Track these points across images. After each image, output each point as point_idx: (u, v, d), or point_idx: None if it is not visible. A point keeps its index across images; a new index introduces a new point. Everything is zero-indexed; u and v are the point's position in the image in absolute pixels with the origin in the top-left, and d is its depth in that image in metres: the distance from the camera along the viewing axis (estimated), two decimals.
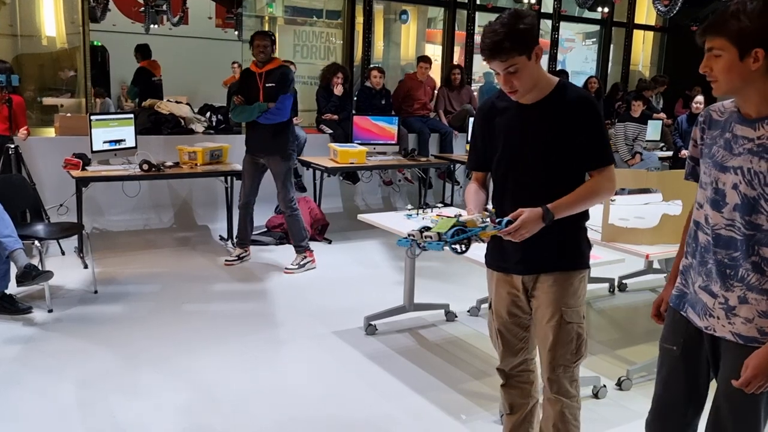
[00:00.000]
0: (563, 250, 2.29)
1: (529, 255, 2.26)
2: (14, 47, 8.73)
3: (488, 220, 2.19)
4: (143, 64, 8.00)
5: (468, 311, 4.57)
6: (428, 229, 2.15)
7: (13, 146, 5.23)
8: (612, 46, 11.14)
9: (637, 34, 11.53)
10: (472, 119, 7.29)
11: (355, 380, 3.58)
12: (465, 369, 3.74)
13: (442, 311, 4.48)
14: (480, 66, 11.87)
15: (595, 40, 11.39)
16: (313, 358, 3.83)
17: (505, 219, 2.16)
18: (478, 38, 10.65)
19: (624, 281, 5.27)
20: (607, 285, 5.20)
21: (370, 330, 4.17)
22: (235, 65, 9.35)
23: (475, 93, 9.40)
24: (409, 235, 2.16)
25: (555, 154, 2.21)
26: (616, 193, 4.03)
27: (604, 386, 3.42)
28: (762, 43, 1.67)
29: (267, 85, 5.27)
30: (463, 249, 2.17)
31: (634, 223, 3.70)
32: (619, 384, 3.51)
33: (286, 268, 5.42)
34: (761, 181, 1.72)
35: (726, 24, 1.70)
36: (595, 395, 3.39)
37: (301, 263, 5.46)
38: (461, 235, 2.13)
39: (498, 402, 3.18)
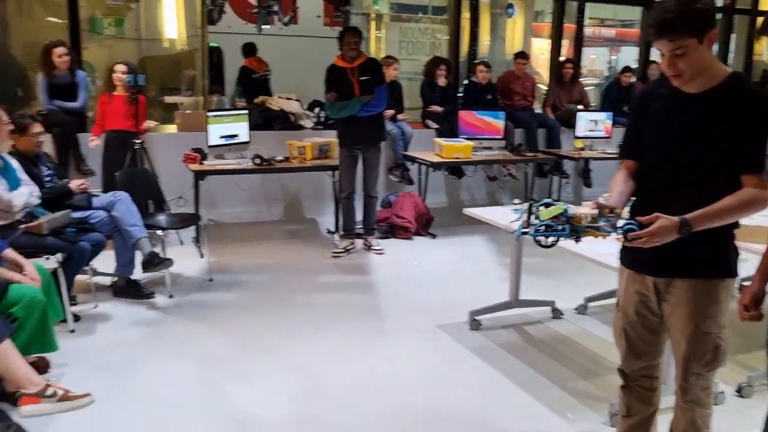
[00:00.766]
0: (705, 254, 2.11)
1: (663, 256, 2.08)
2: (139, 50, 9.31)
3: (602, 222, 2.08)
4: (245, 62, 8.30)
5: (575, 309, 4.46)
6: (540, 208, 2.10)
7: (139, 142, 5.58)
8: (733, 35, 10.49)
9: (761, 22, 10.79)
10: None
11: (459, 374, 3.59)
12: (572, 367, 3.65)
13: (548, 308, 4.40)
14: (588, 60, 11.54)
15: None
16: (418, 351, 3.86)
17: (628, 224, 2.01)
18: (588, 30, 10.34)
19: (744, 282, 4.96)
20: None
21: (475, 325, 4.15)
22: None
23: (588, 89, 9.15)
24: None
25: (713, 149, 2.04)
26: None
27: (722, 392, 3.24)
28: None
29: (362, 78, 5.43)
30: (549, 243, 2.11)
31: (758, 221, 3.47)
32: (739, 391, 3.33)
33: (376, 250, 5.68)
34: None
35: None
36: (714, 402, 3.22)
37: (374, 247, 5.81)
38: (548, 232, 2.05)
39: (607, 403, 3.11)
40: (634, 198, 2.27)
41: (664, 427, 2.46)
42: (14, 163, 4.00)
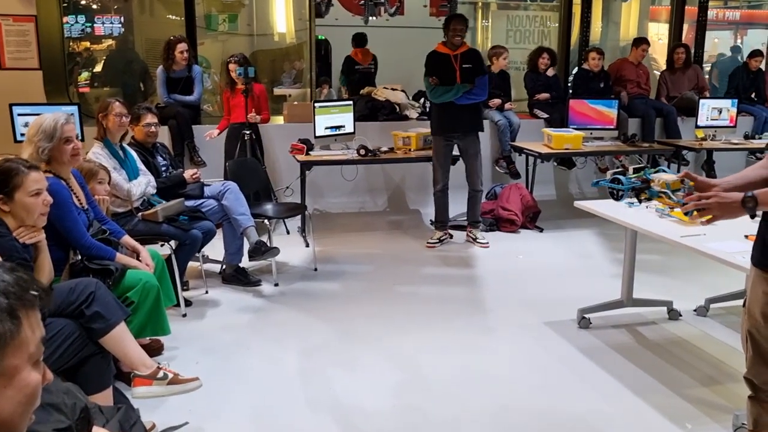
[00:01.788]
0: None
1: None
2: (251, 44, 9.60)
3: (681, 191, 2.01)
4: (351, 53, 8.34)
5: (694, 310, 4.16)
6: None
7: (248, 132, 5.72)
8: None
9: None
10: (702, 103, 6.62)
11: (568, 374, 3.43)
12: (691, 373, 3.41)
13: (665, 309, 4.13)
14: (712, 44, 10.83)
15: None
16: (524, 348, 3.73)
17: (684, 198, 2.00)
18: (712, 13, 9.69)
19: None
20: None
21: (584, 323, 3.97)
22: None
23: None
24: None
25: None
26: None
27: None
28: None
29: (464, 66, 5.37)
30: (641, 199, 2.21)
31: None
32: None
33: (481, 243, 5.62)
34: None
35: None
36: None
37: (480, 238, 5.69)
38: (615, 184, 2.08)
39: (731, 414, 2.88)
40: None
41: None
42: (133, 154, 4.19)
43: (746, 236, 2.81)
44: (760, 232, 2.08)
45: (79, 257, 3.11)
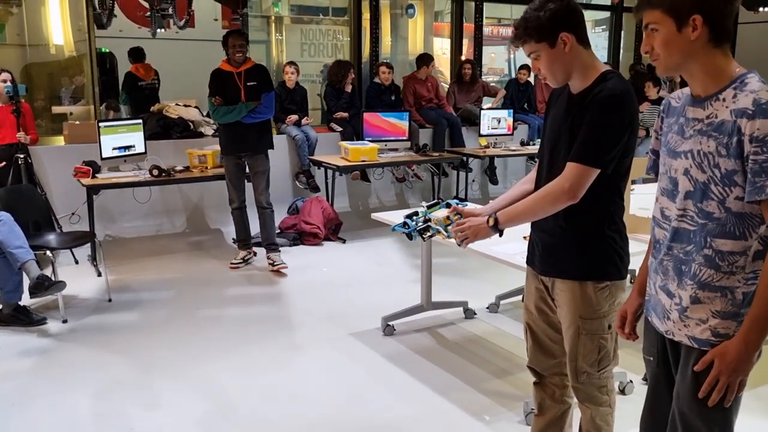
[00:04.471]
0: (579, 258, 2.14)
1: (546, 256, 2.18)
2: (23, 56, 8.75)
3: (450, 226, 2.30)
4: (132, 68, 7.93)
5: (487, 308, 4.48)
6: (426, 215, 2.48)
7: (22, 156, 5.19)
8: (623, 32, 10.97)
9: None
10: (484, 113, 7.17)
11: (374, 383, 3.51)
12: (486, 368, 3.65)
13: (461, 309, 4.40)
14: (489, 58, 11.77)
15: (605, 27, 11.22)
16: (331, 362, 3.76)
17: (451, 225, 2.29)
18: (487, 30, 10.54)
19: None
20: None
21: (388, 331, 4.09)
22: None
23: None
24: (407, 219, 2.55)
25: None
26: (632, 182, 3.90)
27: (631, 382, 3.33)
28: (698, 7, 1.53)
29: (248, 83, 5.22)
30: (425, 237, 2.47)
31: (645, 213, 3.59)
32: (645, 379, 3.41)
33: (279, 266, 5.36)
34: (710, 162, 1.58)
35: None
36: (622, 391, 3.29)
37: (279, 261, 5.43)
38: (426, 225, 2.43)
39: (522, 402, 3.11)
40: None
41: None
42: None
43: (525, 237, 3.06)
44: (531, 234, 2.29)
45: None
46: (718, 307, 1.61)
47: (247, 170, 5.46)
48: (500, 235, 2.16)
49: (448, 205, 2.43)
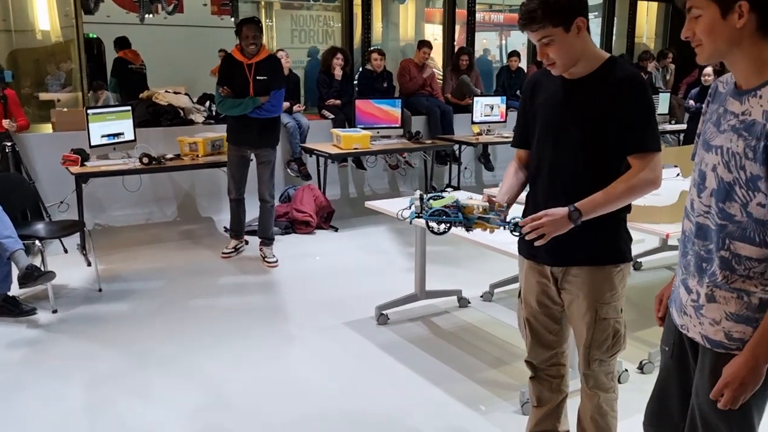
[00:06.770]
0: (597, 242, 2.12)
1: (558, 246, 2.08)
2: (9, 42, 8.61)
3: (492, 214, 2.12)
4: (120, 54, 7.83)
5: (481, 296, 4.46)
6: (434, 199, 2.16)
7: (9, 144, 5.11)
8: (615, 18, 10.93)
9: (641, 6, 11.31)
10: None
11: (368, 372, 3.49)
12: (481, 357, 3.63)
13: (455, 298, 4.38)
14: (481, 44, 11.70)
15: (597, 13, 11.17)
16: (325, 351, 3.74)
17: (515, 220, 2.11)
18: (479, 16, 10.46)
19: (638, 260, 5.15)
20: None
21: (382, 320, 4.07)
22: (222, 53, 9.06)
23: None
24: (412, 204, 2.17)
25: (596, 134, 2.05)
26: None
27: (626, 370, 3.31)
28: None
29: (258, 77, 5.02)
30: (441, 230, 2.15)
31: (651, 201, 3.57)
32: (641, 367, 3.41)
33: (270, 263, 5.27)
34: (737, 163, 1.49)
35: None
36: (617, 380, 3.28)
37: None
38: (441, 217, 2.11)
39: (518, 391, 3.10)
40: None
41: (572, 409, 2.47)
42: None
43: (509, 231, 3.02)
44: None
45: None
46: (733, 309, 1.55)
47: (252, 159, 5.31)
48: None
49: (436, 198, 2.20)
